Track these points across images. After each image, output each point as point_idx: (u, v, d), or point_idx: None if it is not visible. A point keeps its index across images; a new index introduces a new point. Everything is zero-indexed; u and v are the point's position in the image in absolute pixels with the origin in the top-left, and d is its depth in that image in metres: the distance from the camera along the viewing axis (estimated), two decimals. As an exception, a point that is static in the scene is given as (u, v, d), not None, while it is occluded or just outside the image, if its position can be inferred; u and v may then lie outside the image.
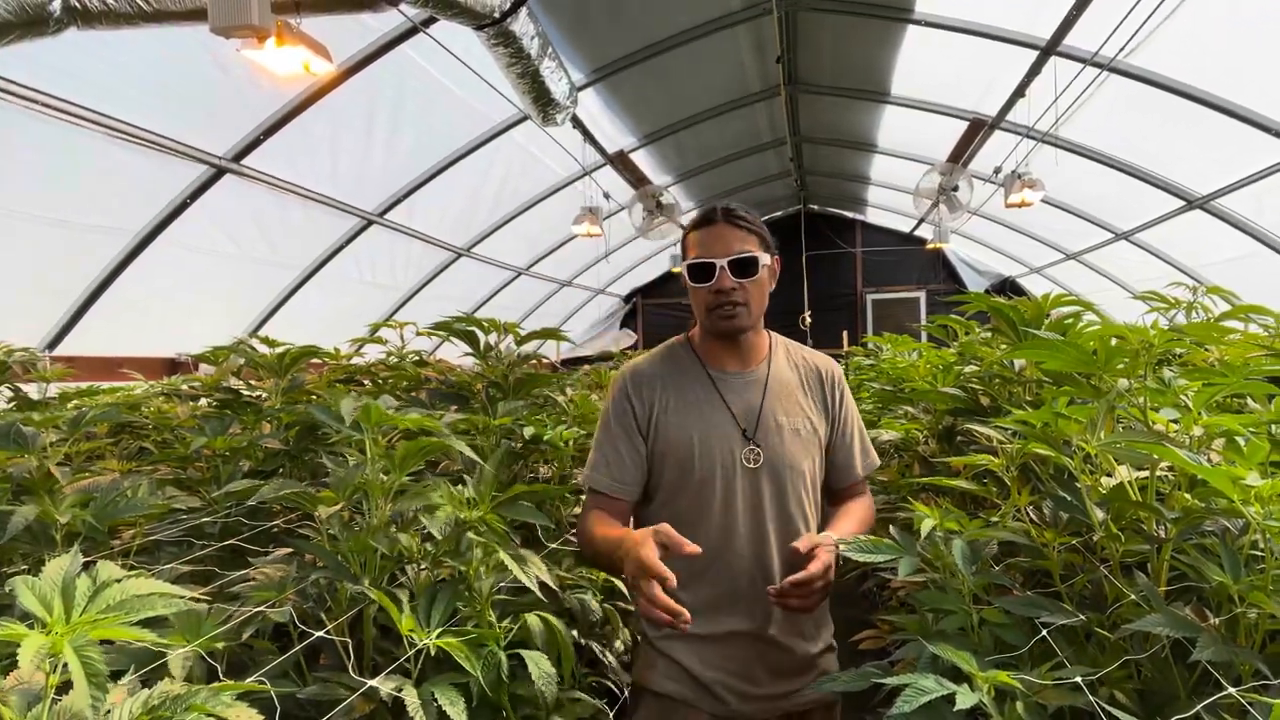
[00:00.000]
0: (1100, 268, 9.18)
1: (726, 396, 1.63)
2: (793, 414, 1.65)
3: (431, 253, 7.58)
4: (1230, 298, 2.05)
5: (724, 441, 1.59)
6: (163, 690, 0.63)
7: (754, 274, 1.58)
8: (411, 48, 4.70)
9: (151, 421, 2.01)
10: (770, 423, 1.62)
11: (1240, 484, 0.93)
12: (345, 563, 1.08)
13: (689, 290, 1.63)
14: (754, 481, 1.59)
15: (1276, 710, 0.70)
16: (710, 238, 1.59)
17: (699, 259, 1.57)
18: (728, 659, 1.56)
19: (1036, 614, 1.08)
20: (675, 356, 1.70)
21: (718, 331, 1.63)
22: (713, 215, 1.61)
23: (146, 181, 4.54)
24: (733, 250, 1.56)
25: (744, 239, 1.59)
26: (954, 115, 7.03)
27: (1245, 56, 4.82)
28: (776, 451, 1.61)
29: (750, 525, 1.59)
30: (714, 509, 1.57)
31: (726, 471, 1.58)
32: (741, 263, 1.56)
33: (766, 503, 1.60)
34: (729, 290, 1.56)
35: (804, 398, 1.69)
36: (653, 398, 1.62)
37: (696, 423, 1.60)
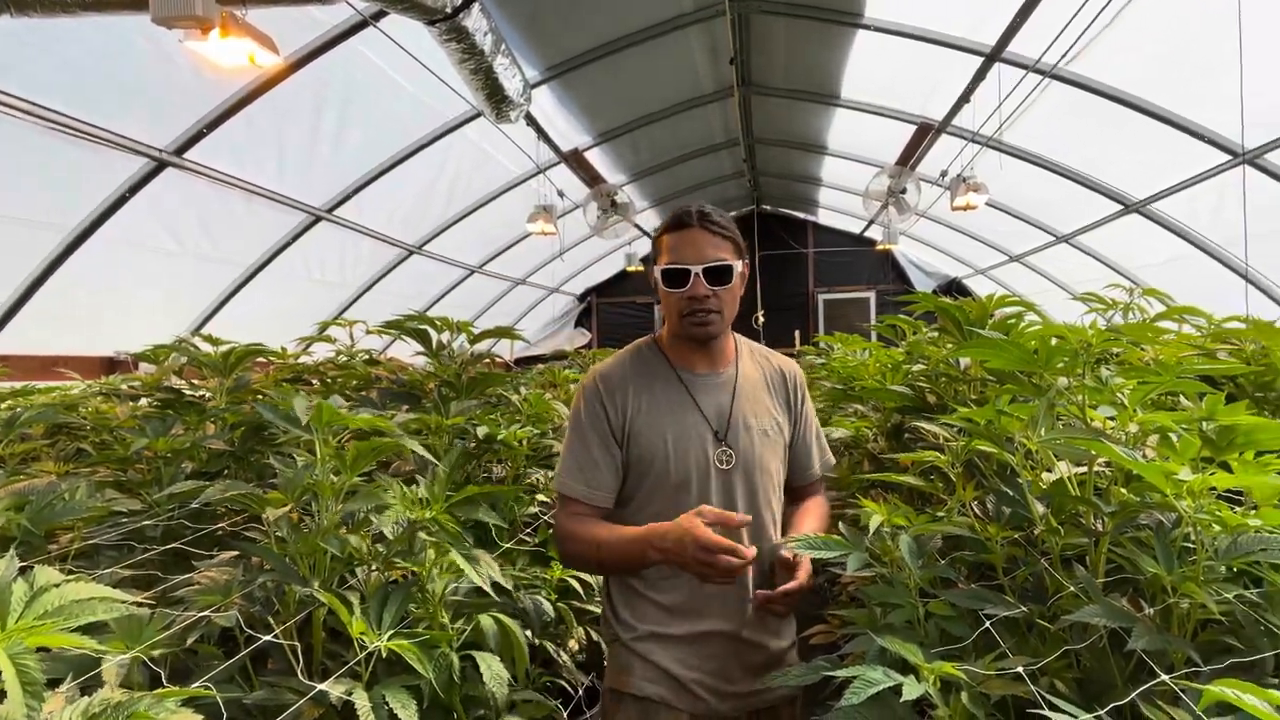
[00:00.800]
0: (1042, 269, 9.43)
1: (697, 398, 1.62)
2: (761, 415, 1.66)
3: (382, 250, 7.46)
4: (1165, 299, 2.12)
5: (697, 443, 1.59)
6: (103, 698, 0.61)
7: (728, 282, 1.57)
8: (361, 42, 4.63)
9: (90, 422, 1.95)
10: (740, 424, 1.63)
11: (1173, 479, 0.96)
12: (294, 565, 1.06)
13: (660, 293, 1.62)
14: (726, 483, 1.60)
15: (1207, 695, 0.73)
16: (684, 242, 1.56)
17: (674, 265, 1.55)
18: (706, 659, 1.56)
19: (980, 606, 1.11)
20: (644, 359, 1.68)
21: (690, 337, 1.62)
22: (688, 219, 1.58)
23: (84, 175, 4.39)
24: (708, 257, 1.55)
25: (719, 245, 1.57)
26: (902, 119, 7.16)
27: (1180, 66, 4.99)
28: (747, 452, 1.62)
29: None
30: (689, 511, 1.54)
31: (701, 473, 1.58)
32: (716, 271, 1.55)
33: (739, 503, 1.60)
34: (703, 298, 1.55)
35: (769, 399, 1.70)
36: (625, 401, 1.60)
37: (670, 425, 1.59)
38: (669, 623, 1.57)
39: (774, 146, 9.68)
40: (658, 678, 1.56)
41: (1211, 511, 0.96)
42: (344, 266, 7.26)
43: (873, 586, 1.25)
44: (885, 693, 0.94)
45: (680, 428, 1.59)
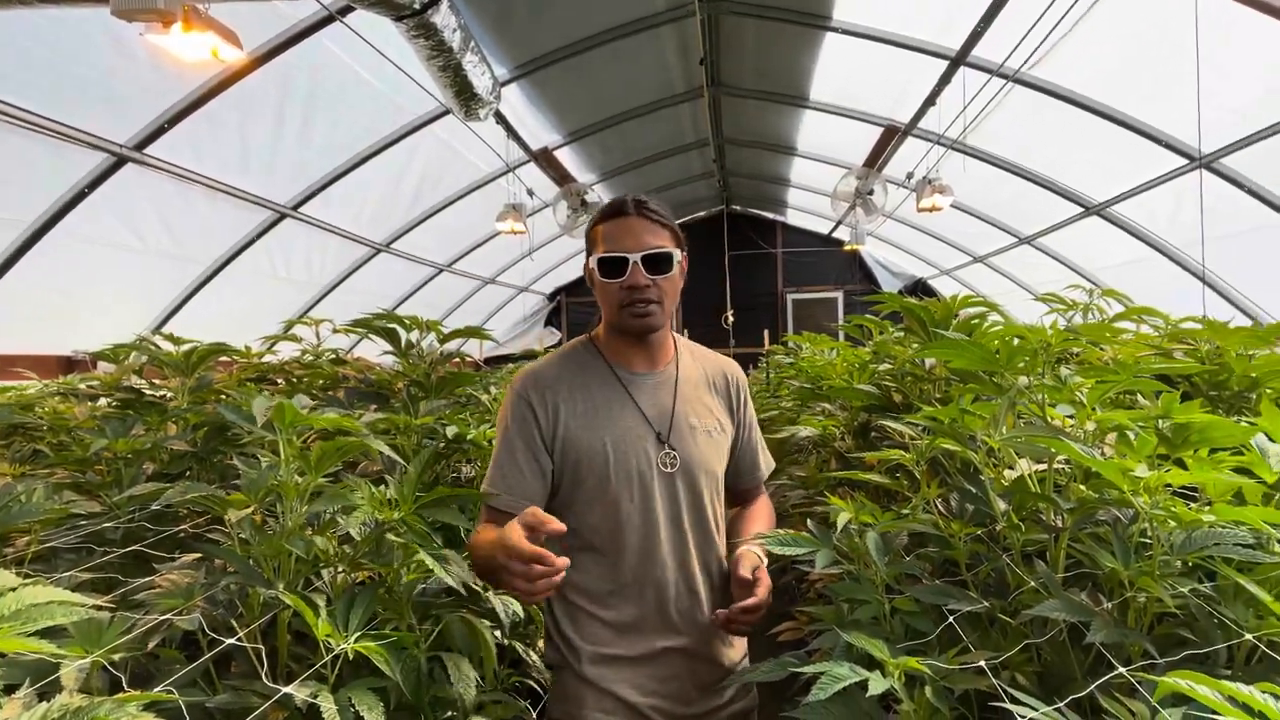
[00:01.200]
0: (1005, 270, 9.58)
1: (637, 398, 1.54)
2: (703, 415, 1.60)
3: (349, 248, 7.38)
4: (1124, 300, 2.16)
5: (639, 445, 1.50)
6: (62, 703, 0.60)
7: (668, 270, 1.50)
8: (328, 37, 4.57)
9: (47, 423, 1.91)
10: (684, 425, 1.55)
11: (1130, 475, 0.99)
12: (258, 567, 1.04)
13: (596, 286, 1.54)
14: (671, 487, 1.52)
15: (1161, 686, 0.74)
16: (621, 231, 1.49)
17: (610, 253, 1.48)
18: (662, 681, 1.49)
19: (944, 602, 1.13)
20: (579, 358, 1.59)
21: (629, 330, 1.53)
22: (624, 207, 1.51)
23: (41, 170, 4.29)
24: (646, 245, 1.47)
25: (656, 233, 1.50)
26: (869, 121, 7.23)
27: (1139, 71, 5.10)
28: (691, 454, 1.54)
29: (671, 533, 1.52)
30: (633, 519, 1.49)
31: (644, 477, 1.49)
32: (655, 258, 1.48)
33: (684, 509, 1.53)
34: (642, 287, 1.48)
35: (711, 399, 1.64)
36: (557, 403, 1.51)
37: (608, 427, 1.50)
38: (619, 642, 1.49)
39: (744, 147, 9.73)
40: (613, 708, 1.47)
41: (1167, 507, 0.99)
42: (310, 264, 7.16)
43: (840, 583, 1.26)
44: (852, 688, 0.95)
45: (619, 430, 1.51)
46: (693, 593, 1.52)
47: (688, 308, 13.68)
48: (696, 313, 13.61)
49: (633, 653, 1.48)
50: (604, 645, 1.49)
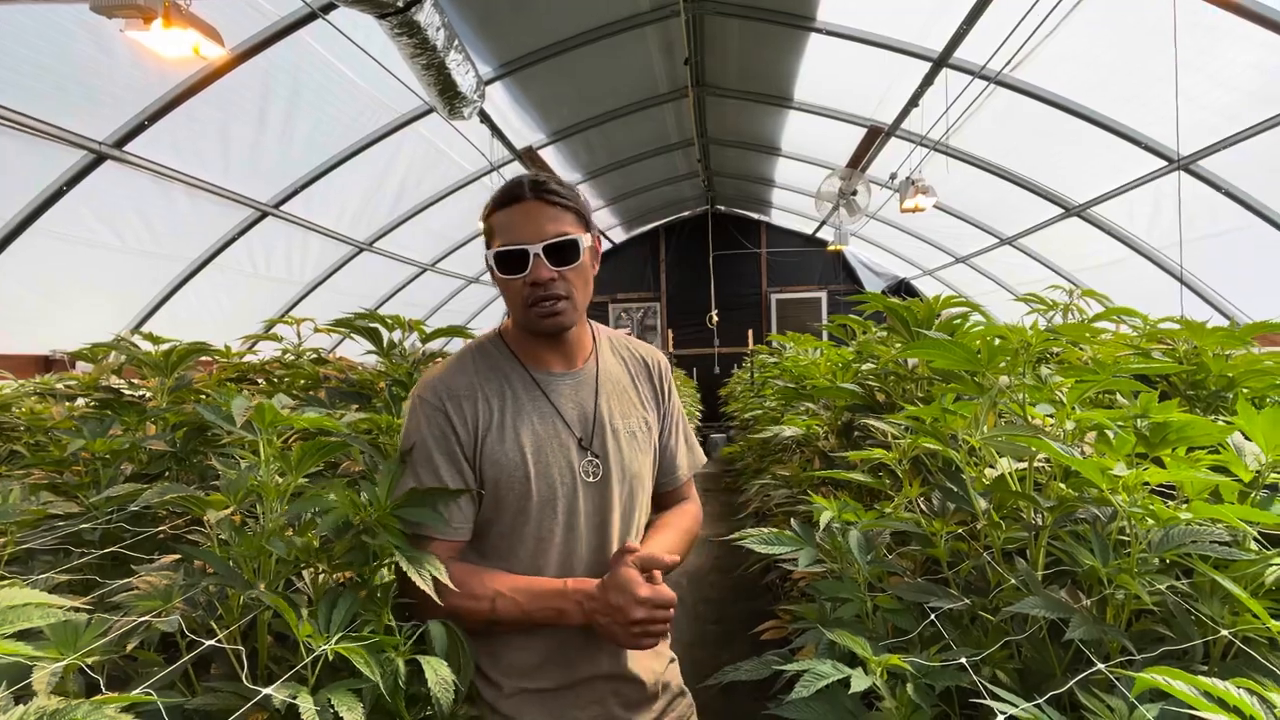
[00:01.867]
0: (987, 270, 9.66)
1: (556, 402, 1.39)
2: (628, 414, 1.46)
3: (331, 246, 7.34)
4: (1103, 300, 2.18)
5: (560, 455, 1.36)
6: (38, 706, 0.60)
7: (574, 260, 1.33)
8: (310, 34, 4.55)
9: (24, 423, 1.88)
10: (607, 428, 1.41)
11: (1109, 474, 1.00)
12: (238, 568, 1.04)
13: (497, 282, 1.37)
14: (595, 497, 1.38)
15: (1139, 683, 0.75)
16: (519, 219, 1.32)
17: (508, 245, 1.31)
18: (585, 708, 1.37)
19: (926, 599, 1.13)
20: (489, 361, 1.41)
21: (539, 330, 1.37)
22: (519, 191, 1.33)
23: (17, 167, 4.24)
24: (547, 233, 1.31)
25: (558, 218, 1.33)
26: (853, 122, 7.27)
27: (1119, 74, 5.16)
28: (617, 460, 1.40)
29: (594, 549, 1.38)
30: (555, 536, 1.35)
31: (567, 489, 1.35)
32: (559, 248, 1.31)
33: (613, 520, 1.39)
34: (547, 281, 1.31)
35: (635, 394, 1.50)
36: (475, 414, 1.33)
37: (528, 436, 1.34)
38: (539, 674, 1.35)
39: (728, 147, 9.76)
40: None
41: (1145, 505, 0.99)
42: (291, 263, 7.12)
43: (823, 582, 1.26)
44: (834, 686, 0.95)
45: (538, 439, 1.35)
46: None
47: (672, 308, 13.71)
48: (681, 313, 13.64)
49: (554, 684, 1.35)
50: (523, 679, 1.35)
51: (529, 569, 1.34)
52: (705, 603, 5.03)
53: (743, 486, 3.34)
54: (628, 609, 1.21)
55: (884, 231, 10.66)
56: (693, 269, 13.54)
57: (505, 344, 1.44)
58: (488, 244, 1.38)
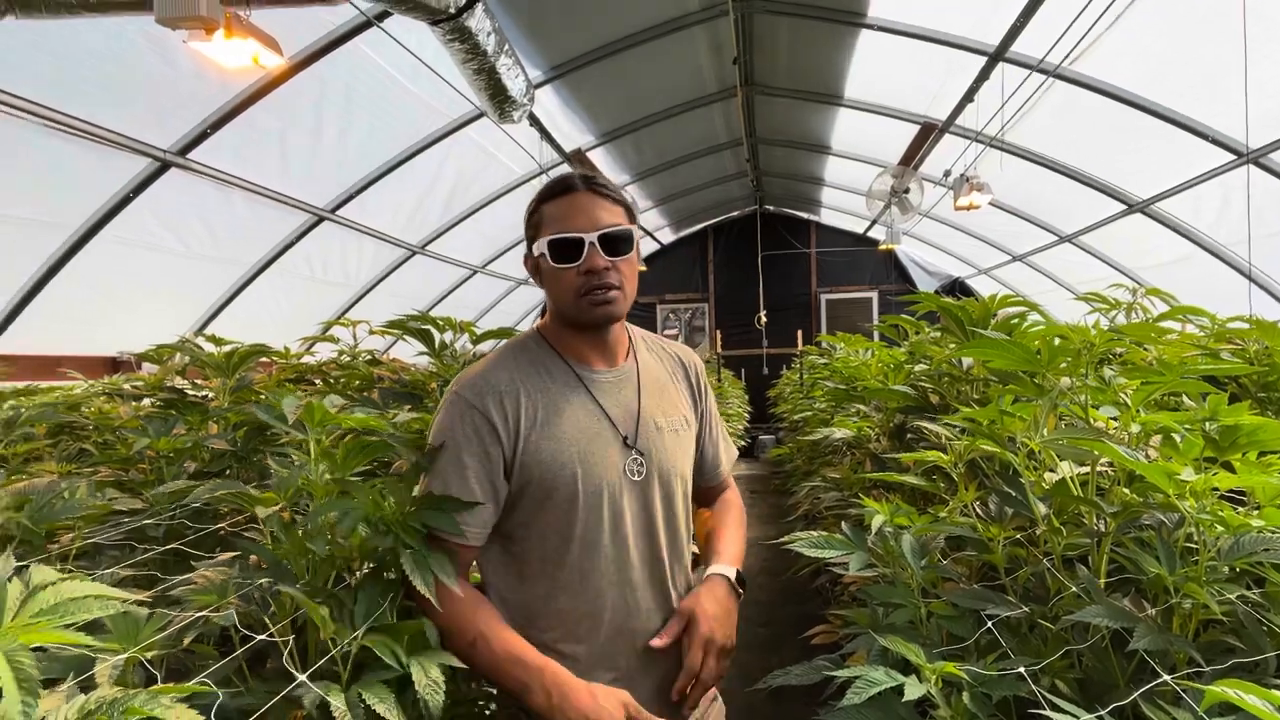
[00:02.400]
0: (1045, 269, 9.42)
1: (600, 399, 1.37)
2: (669, 412, 1.44)
3: (385, 250, 7.48)
4: (1168, 299, 2.11)
5: (605, 454, 1.33)
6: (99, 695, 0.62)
7: (627, 251, 1.34)
8: (365, 42, 4.64)
9: (92, 422, 1.95)
10: (651, 425, 1.39)
11: (1175, 479, 0.96)
12: (288, 565, 1.06)
13: (546, 275, 1.35)
14: (641, 497, 1.36)
15: (1209, 695, 0.72)
16: (572, 209, 1.32)
17: (563, 234, 1.30)
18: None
19: (982, 606, 1.11)
20: (530, 357, 1.39)
21: (589, 321, 1.35)
22: (572, 183, 1.35)
23: (88, 175, 4.41)
24: (602, 223, 1.31)
25: (611, 210, 1.34)
26: (905, 119, 7.16)
27: (1184, 65, 4.99)
28: (661, 458, 1.38)
29: (642, 549, 1.36)
30: (603, 540, 1.31)
31: (612, 489, 1.32)
32: (613, 238, 1.31)
33: (659, 520, 1.37)
34: (602, 270, 1.30)
35: (675, 393, 1.49)
36: (517, 410, 1.30)
37: (574, 434, 1.31)
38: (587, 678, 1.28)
39: (777, 146, 9.69)
40: None
41: (1214, 512, 0.96)
42: (347, 266, 7.27)
43: (875, 586, 1.24)
44: (887, 693, 0.94)
45: (585, 438, 1.32)
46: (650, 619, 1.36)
47: (720, 308, 13.66)
48: (729, 314, 13.58)
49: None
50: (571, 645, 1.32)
51: (578, 571, 1.30)
52: (754, 605, 5.00)
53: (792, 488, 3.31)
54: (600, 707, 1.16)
55: (937, 230, 10.47)
56: (741, 269, 13.47)
57: (546, 341, 1.42)
58: (534, 236, 1.37)
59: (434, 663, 1.03)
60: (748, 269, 13.39)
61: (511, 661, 1.19)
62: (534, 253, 1.37)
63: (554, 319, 1.42)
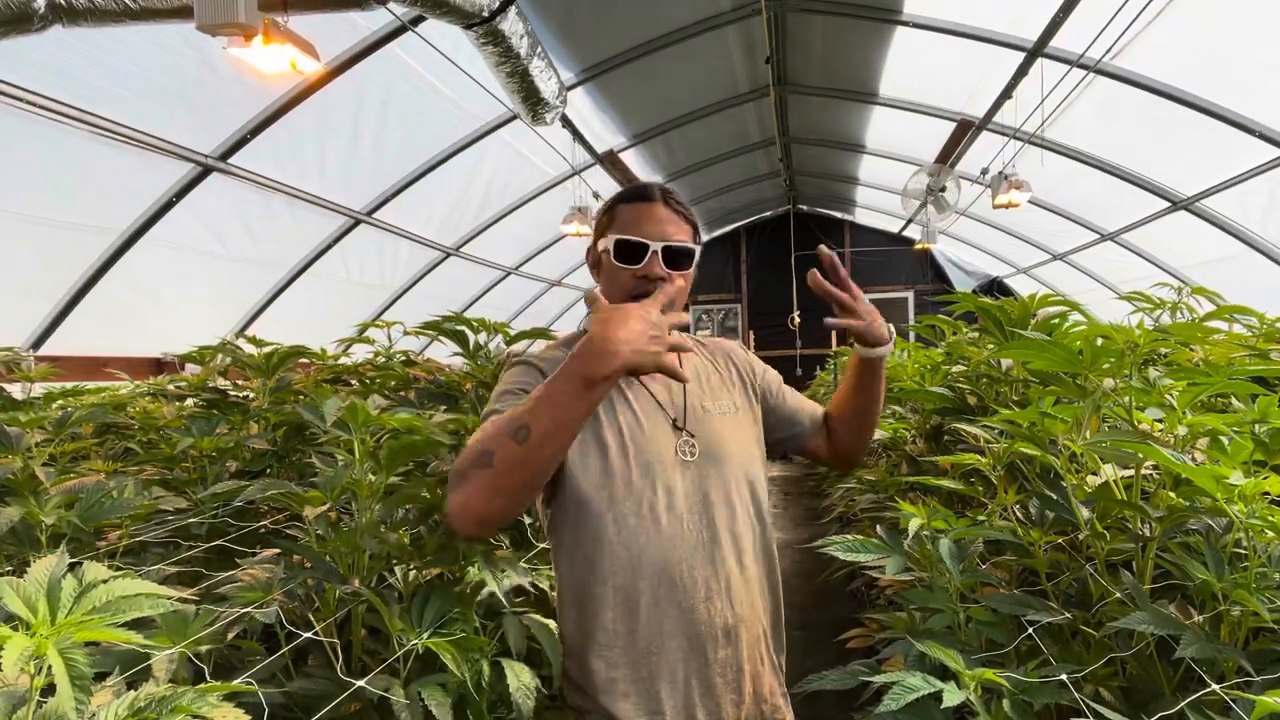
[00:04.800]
0: (1086, 268, 9.24)
1: (648, 384, 1.42)
2: (717, 397, 1.48)
3: (420, 252, 7.56)
4: (1215, 298, 2.07)
5: (656, 435, 1.37)
6: (148, 692, 0.63)
7: (685, 268, 1.39)
8: (400, 46, 4.69)
9: (137, 422, 2.00)
10: (698, 409, 1.42)
11: (1224, 483, 0.94)
12: (333, 563, 1.07)
13: (604, 271, 1.41)
14: (695, 477, 1.36)
15: (1260, 705, 0.70)
16: (645, 216, 1.38)
17: (632, 236, 1.36)
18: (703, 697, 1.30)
19: (1023, 612, 1.09)
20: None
21: None
22: (650, 193, 1.41)
23: (132, 180, 4.52)
24: (669, 236, 1.37)
25: (680, 226, 1.39)
26: (941, 116, 7.07)
27: (1228, 59, 4.86)
28: (711, 438, 1.40)
29: (699, 529, 1.35)
30: (661, 517, 1.32)
31: (665, 469, 1.34)
32: (676, 252, 1.37)
33: (715, 499, 1.37)
34: (657, 279, 1.35)
35: (721, 382, 1.52)
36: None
37: (626, 416, 1.37)
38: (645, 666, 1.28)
39: (810, 145, 9.61)
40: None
41: (1264, 517, 0.93)
42: (383, 268, 7.36)
43: (912, 590, 1.23)
44: (925, 699, 0.92)
45: (636, 417, 1.37)
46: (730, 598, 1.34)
47: (753, 309, 13.60)
48: (762, 314, 13.51)
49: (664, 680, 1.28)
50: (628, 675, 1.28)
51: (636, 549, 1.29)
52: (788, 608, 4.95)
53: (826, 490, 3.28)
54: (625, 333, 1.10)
55: (975, 229, 10.32)
56: (774, 270, 13.39)
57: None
58: (604, 232, 1.42)
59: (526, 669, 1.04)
60: (780, 269, 13.30)
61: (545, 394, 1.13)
62: (598, 247, 1.43)
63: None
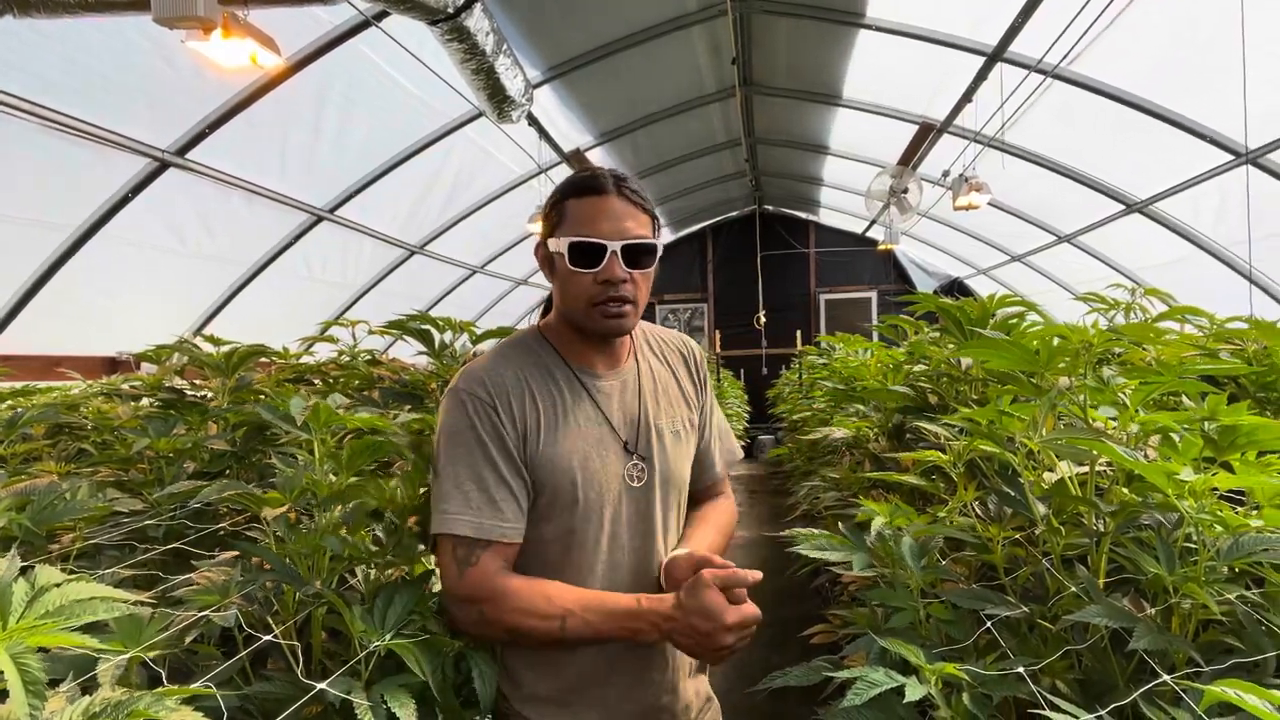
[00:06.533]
0: (1044, 269, 9.42)
1: (602, 404, 1.32)
2: (672, 414, 1.40)
3: (384, 250, 7.48)
4: (1167, 299, 2.11)
5: (606, 459, 1.29)
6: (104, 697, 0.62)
7: (648, 265, 1.28)
8: (363, 42, 4.64)
9: (91, 422, 1.95)
10: (652, 430, 1.35)
11: (1174, 479, 0.96)
12: (293, 565, 1.06)
13: (559, 275, 1.29)
14: (639, 504, 1.32)
15: (1208, 695, 0.72)
16: (599, 212, 1.24)
17: (586, 237, 1.23)
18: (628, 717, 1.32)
19: (982, 607, 1.11)
20: (533, 357, 1.33)
21: (599, 331, 1.29)
22: (602, 184, 1.26)
23: (86, 175, 4.41)
24: (628, 232, 1.24)
25: (638, 219, 1.26)
26: (904, 119, 7.16)
27: (1182, 65, 4.99)
28: (661, 463, 1.34)
29: (636, 553, 1.31)
30: (602, 543, 1.28)
31: (612, 496, 1.28)
32: (636, 250, 1.25)
33: (656, 527, 1.33)
34: (619, 282, 1.24)
35: (679, 392, 1.44)
36: (524, 413, 1.25)
37: (576, 440, 1.27)
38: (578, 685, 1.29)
39: (776, 146, 9.68)
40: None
41: (1213, 512, 0.96)
42: (346, 266, 7.27)
43: (875, 589, 1.24)
44: (887, 694, 0.94)
45: (586, 442, 1.28)
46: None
47: (720, 309, 13.66)
48: (728, 314, 13.57)
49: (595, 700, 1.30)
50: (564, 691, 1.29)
51: (577, 576, 1.26)
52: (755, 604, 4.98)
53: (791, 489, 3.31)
54: (716, 636, 1.14)
55: (936, 230, 10.47)
56: (740, 269, 13.47)
57: (547, 340, 1.36)
58: (554, 229, 1.29)
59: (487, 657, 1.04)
60: (747, 269, 13.38)
61: (609, 617, 1.17)
62: (549, 247, 1.30)
63: (559, 319, 1.36)
